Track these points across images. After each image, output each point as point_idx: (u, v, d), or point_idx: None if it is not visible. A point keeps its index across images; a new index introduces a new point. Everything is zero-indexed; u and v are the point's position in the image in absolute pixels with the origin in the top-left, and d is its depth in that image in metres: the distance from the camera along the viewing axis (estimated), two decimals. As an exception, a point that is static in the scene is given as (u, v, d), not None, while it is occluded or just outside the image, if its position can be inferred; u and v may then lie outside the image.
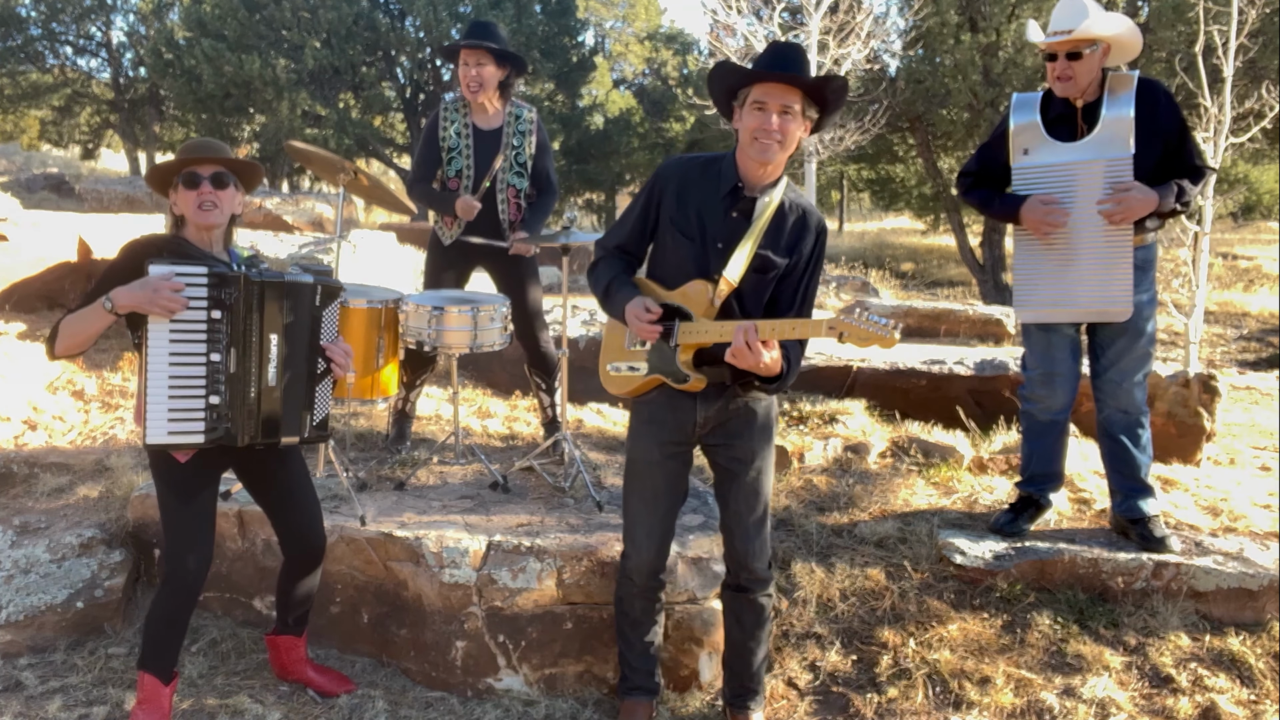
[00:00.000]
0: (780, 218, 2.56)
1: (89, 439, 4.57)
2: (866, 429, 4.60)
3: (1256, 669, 3.04)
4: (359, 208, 14.24)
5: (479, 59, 3.94)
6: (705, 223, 2.54)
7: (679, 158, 2.66)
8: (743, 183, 2.53)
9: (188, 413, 2.54)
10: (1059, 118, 3.37)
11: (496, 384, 5.40)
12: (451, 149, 4.04)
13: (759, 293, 2.57)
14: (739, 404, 2.63)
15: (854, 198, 31.09)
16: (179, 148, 2.74)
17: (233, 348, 2.57)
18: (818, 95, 2.46)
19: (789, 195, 2.58)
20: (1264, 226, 25.94)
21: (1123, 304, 3.29)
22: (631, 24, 32.27)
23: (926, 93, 14.32)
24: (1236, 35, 8.17)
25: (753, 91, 2.44)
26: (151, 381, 2.50)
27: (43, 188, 13.48)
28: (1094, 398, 3.48)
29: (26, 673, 3.06)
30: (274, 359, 2.63)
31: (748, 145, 2.47)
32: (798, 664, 3.15)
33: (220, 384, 2.56)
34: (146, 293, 2.44)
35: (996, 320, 7.43)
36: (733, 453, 2.66)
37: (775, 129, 2.41)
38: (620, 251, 2.70)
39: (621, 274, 2.65)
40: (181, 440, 2.55)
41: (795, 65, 2.44)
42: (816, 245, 2.60)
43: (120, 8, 21.07)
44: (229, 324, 2.56)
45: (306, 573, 2.90)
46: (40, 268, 6.10)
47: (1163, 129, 3.27)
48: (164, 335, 2.51)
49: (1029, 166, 3.40)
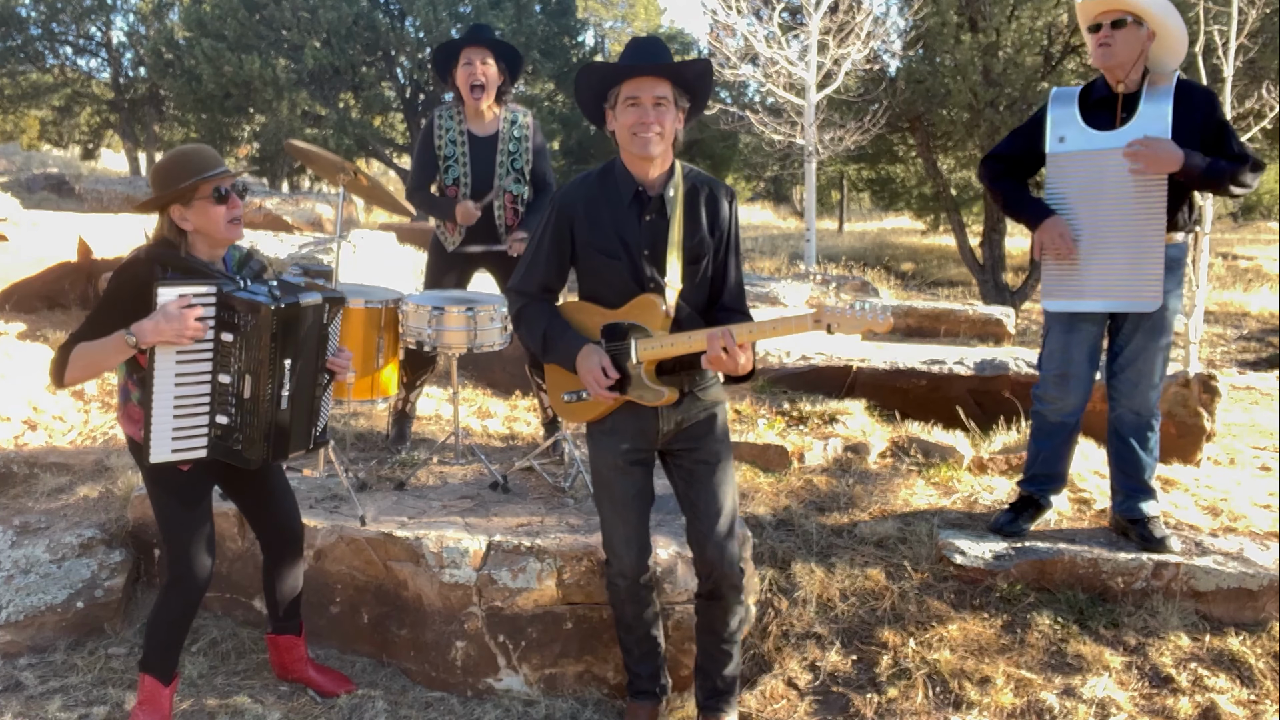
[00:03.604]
0: (692, 203, 2.56)
1: (89, 439, 4.57)
2: (866, 429, 4.60)
3: (1256, 669, 3.04)
4: (359, 208, 14.22)
5: (483, 57, 3.93)
6: (624, 236, 2.53)
7: (570, 184, 2.64)
8: (641, 185, 2.53)
9: (191, 430, 2.54)
10: (1099, 102, 3.35)
11: (496, 384, 5.40)
12: (448, 157, 4.04)
13: (698, 284, 2.58)
14: (700, 407, 2.64)
15: (854, 198, 31.05)
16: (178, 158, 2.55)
17: (247, 375, 2.54)
18: (683, 81, 2.47)
19: (689, 178, 2.58)
20: (1264, 226, 25.93)
21: (1152, 294, 3.27)
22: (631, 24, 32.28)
23: (926, 93, 14.30)
24: (1236, 35, 8.17)
25: (623, 89, 2.45)
26: (157, 402, 2.49)
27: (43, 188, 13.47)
28: (1108, 396, 3.46)
29: (26, 673, 3.06)
30: (287, 384, 2.61)
31: (628, 143, 2.47)
32: (798, 664, 3.15)
33: (230, 405, 2.55)
34: (173, 326, 2.41)
35: (996, 320, 7.43)
36: (697, 455, 2.64)
37: (652, 121, 2.42)
38: (544, 292, 2.66)
39: (554, 319, 2.61)
40: (185, 455, 2.55)
41: (659, 56, 2.45)
42: (732, 212, 2.62)
43: (120, 8, 21.05)
44: (243, 349, 2.53)
45: (289, 563, 2.90)
46: (40, 268, 6.10)
47: (1200, 126, 3.24)
48: (171, 357, 2.49)
49: (1063, 153, 3.38)
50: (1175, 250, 3.33)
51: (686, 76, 2.48)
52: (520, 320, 2.66)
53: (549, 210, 2.62)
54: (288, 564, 2.90)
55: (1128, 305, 3.33)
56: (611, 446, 2.64)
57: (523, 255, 2.70)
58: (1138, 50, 3.28)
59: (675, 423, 2.62)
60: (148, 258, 2.54)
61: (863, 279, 11.80)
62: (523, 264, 2.67)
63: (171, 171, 2.55)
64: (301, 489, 3.58)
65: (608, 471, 2.67)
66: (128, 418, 2.66)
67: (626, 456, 2.63)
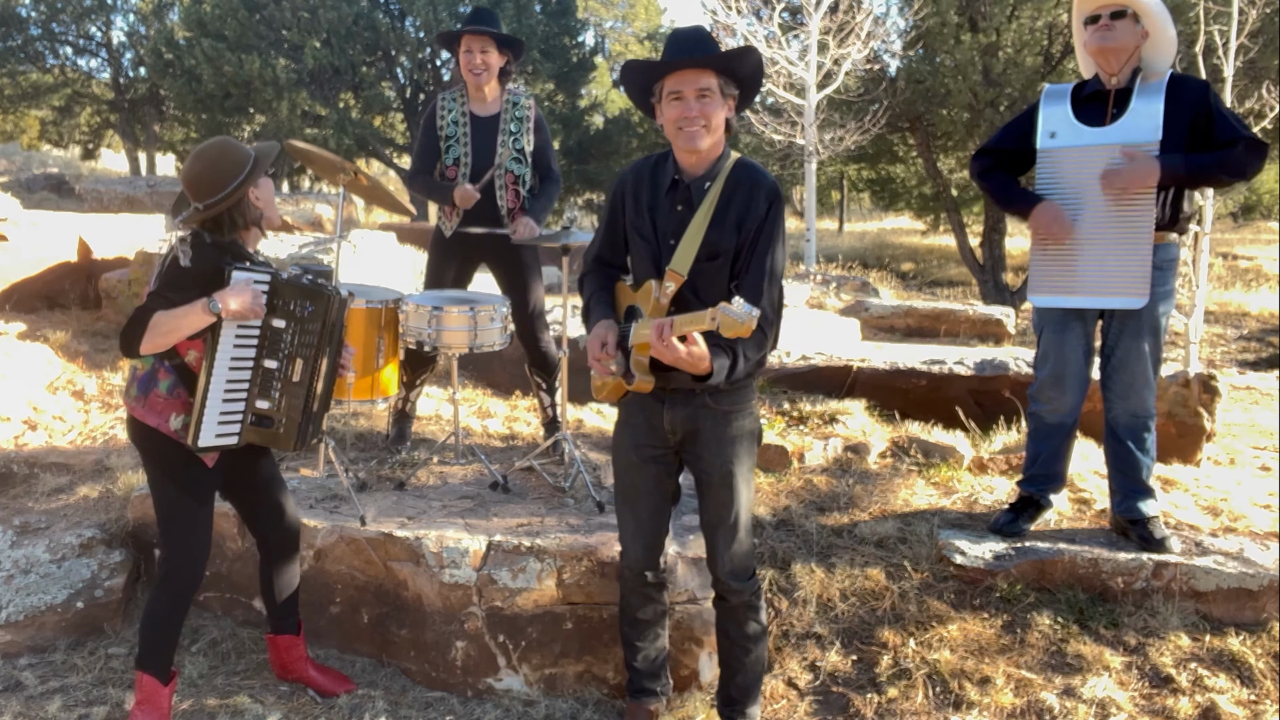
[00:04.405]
0: (726, 198, 2.49)
1: (89, 439, 4.57)
2: (866, 429, 4.60)
3: (1256, 669, 3.04)
4: (359, 208, 14.22)
5: (483, 45, 3.95)
6: (656, 221, 2.54)
7: (636, 162, 2.66)
8: (681, 174, 2.52)
9: (232, 415, 2.61)
10: (1091, 97, 3.36)
11: (496, 384, 5.40)
12: (449, 137, 4.04)
13: (716, 280, 2.49)
14: (709, 413, 2.53)
15: (854, 198, 31.06)
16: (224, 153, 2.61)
17: (298, 359, 2.65)
18: (729, 71, 2.44)
19: (738, 171, 2.50)
20: (1264, 226, 25.94)
21: (1138, 292, 3.25)
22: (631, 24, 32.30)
23: (926, 93, 14.31)
24: (1236, 35, 8.17)
25: (666, 83, 2.43)
26: (214, 385, 2.56)
27: (43, 188, 13.48)
28: (1103, 397, 3.47)
29: (26, 673, 3.06)
30: (324, 370, 2.75)
31: (675, 137, 2.46)
32: (798, 664, 3.15)
33: (275, 389, 2.64)
34: (249, 298, 2.53)
35: (996, 320, 7.44)
36: (700, 464, 2.59)
37: (696, 115, 2.40)
38: (599, 264, 2.69)
39: (598, 291, 2.64)
40: (221, 443, 2.60)
41: (700, 47, 2.42)
42: (770, 212, 2.46)
43: (120, 8, 21.08)
44: (296, 333, 2.64)
45: (285, 559, 2.92)
46: (40, 268, 6.11)
47: (1190, 119, 3.22)
48: (230, 339, 2.57)
49: (1054, 149, 3.38)
50: (1168, 251, 3.31)
51: (732, 66, 2.45)
52: (581, 286, 2.72)
53: (614, 183, 2.68)
54: (283, 561, 2.92)
55: (1115, 301, 3.32)
56: (625, 439, 2.68)
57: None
58: (1133, 44, 3.28)
59: (677, 424, 2.56)
60: (214, 244, 2.64)
61: (863, 279, 11.80)
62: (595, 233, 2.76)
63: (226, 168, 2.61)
64: (301, 489, 3.58)
65: (621, 465, 2.71)
66: (150, 409, 2.64)
67: (638, 452, 2.64)
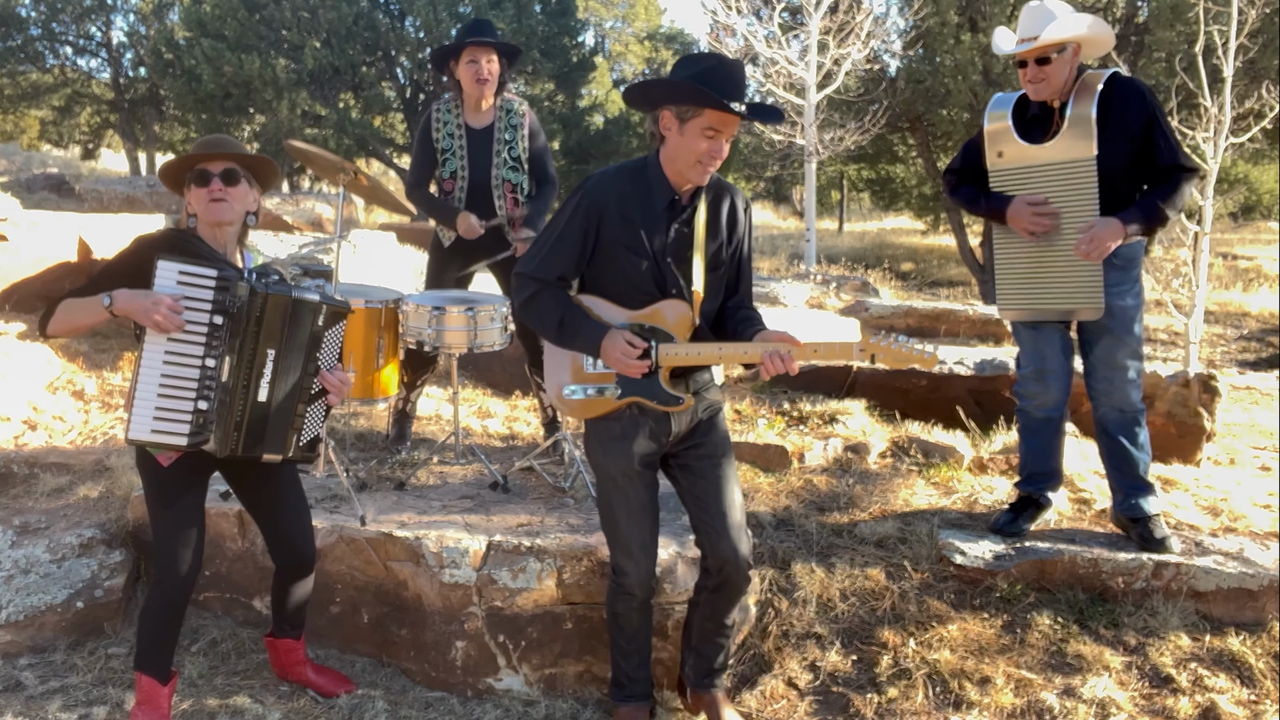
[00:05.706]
0: (714, 213, 2.60)
1: (89, 439, 4.57)
2: (866, 429, 4.60)
3: (1256, 669, 3.04)
4: (359, 208, 14.21)
5: (488, 55, 3.95)
6: (652, 240, 2.53)
7: (601, 176, 2.58)
8: (677, 194, 2.55)
9: (174, 413, 2.50)
10: (1036, 117, 3.37)
11: (496, 384, 5.40)
12: (445, 150, 4.05)
13: (716, 291, 2.64)
14: (704, 405, 2.68)
15: (854, 198, 31.06)
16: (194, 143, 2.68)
17: (228, 356, 2.53)
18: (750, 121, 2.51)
19: (712, 187, 2.62)
20: (1264, 226, 25.93)
21: (1093, 303, 3.30)
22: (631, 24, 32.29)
23: (926, 93, 14.32)
24: (1236, 35, 8.17)
25: (708, 117, 2.41)
26: (143, 378, 2.48)
27: (43, 188, 13.47)
28: (1089, 396, 3.48)
29: (26, 673, 3.06)
30: (267, 374, 2.59)
31: (689, 166, 2.46)
32: (798, 664, 3.15)
33: (210, 390, 2.52)
34: (147, 304, 2.41)
35: (996, 320, 7.43)
36: (703, 451, 2.67)
37: (721, 155, 2.46)
38: (559, 281, 2.59)
39: (571, 306, 2.56)
40: (163, 440, 2.51)
41: (743, 92, 2.45)
42: (747, 220, 2.69)
43: (120, 8, 21.08)
44: (229, 332, 2.53)
45: (298, 580, 2.89)
46: (40, 268, 6.10)
47: (1128, 128, 3.22)
48: (160, 335, 2.48)
49: (1002, 170, 3.43)
50: (1129, 250, 3.32)
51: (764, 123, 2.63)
52: (532, 304, 2.56)
53: (576, 199, 2.55)
54: (294, 580, 2.89)
55: (1070, 315, 3.39)
56: (624, 452, 2.62)
57: (537, 240, 2.60)
58: (1071, 71, 3.28)
59: (685, 423, 2.65)
60: (159, 236, 2.63)
61: (863, 279, 11.80)
62: (538, 250, 2.57)
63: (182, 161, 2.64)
64: (301, 489, 3.58)
65: (622, 479, 2.64)
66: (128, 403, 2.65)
67: (642, 462, 2.63)
